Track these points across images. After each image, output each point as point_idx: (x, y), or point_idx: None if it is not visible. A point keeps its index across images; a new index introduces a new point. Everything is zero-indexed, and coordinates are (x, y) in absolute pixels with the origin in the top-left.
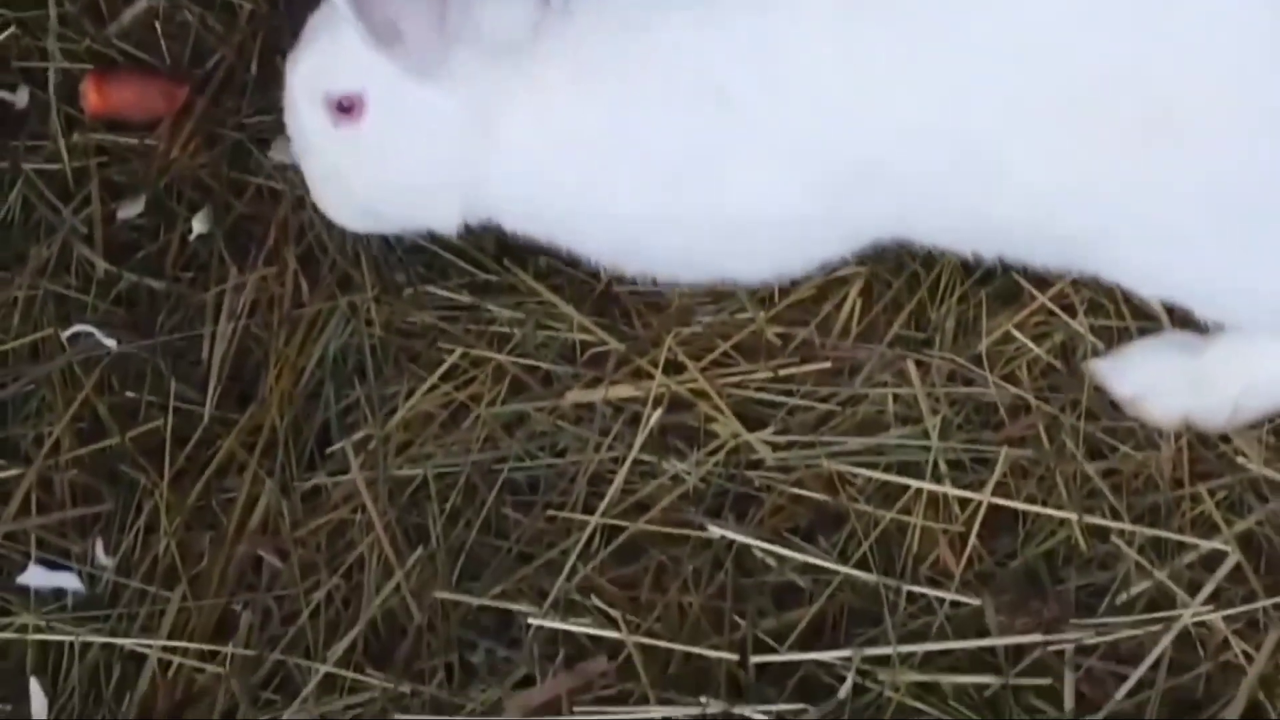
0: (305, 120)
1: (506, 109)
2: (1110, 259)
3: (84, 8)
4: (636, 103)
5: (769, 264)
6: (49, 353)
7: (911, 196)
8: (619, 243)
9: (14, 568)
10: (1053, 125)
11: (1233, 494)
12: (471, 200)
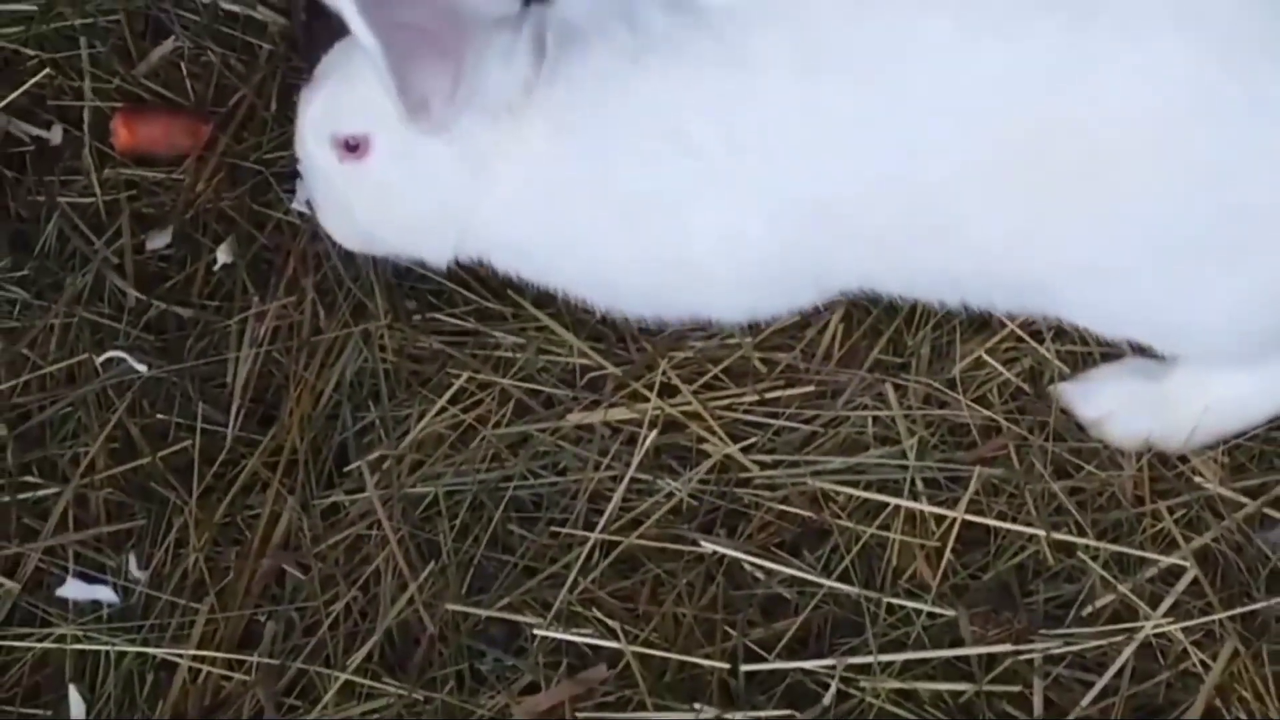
0: (314, 154)
1: (498, 160)
2: (1062, 301)
3: (113, 49)
4: (610, 153)
5: (740, 308)
6: (84, 377)
7: (869, 246)
8: (600, 285)
9: (53, 581)
10: (998, 177)
11: (1191, 512)
12: (463, 239)
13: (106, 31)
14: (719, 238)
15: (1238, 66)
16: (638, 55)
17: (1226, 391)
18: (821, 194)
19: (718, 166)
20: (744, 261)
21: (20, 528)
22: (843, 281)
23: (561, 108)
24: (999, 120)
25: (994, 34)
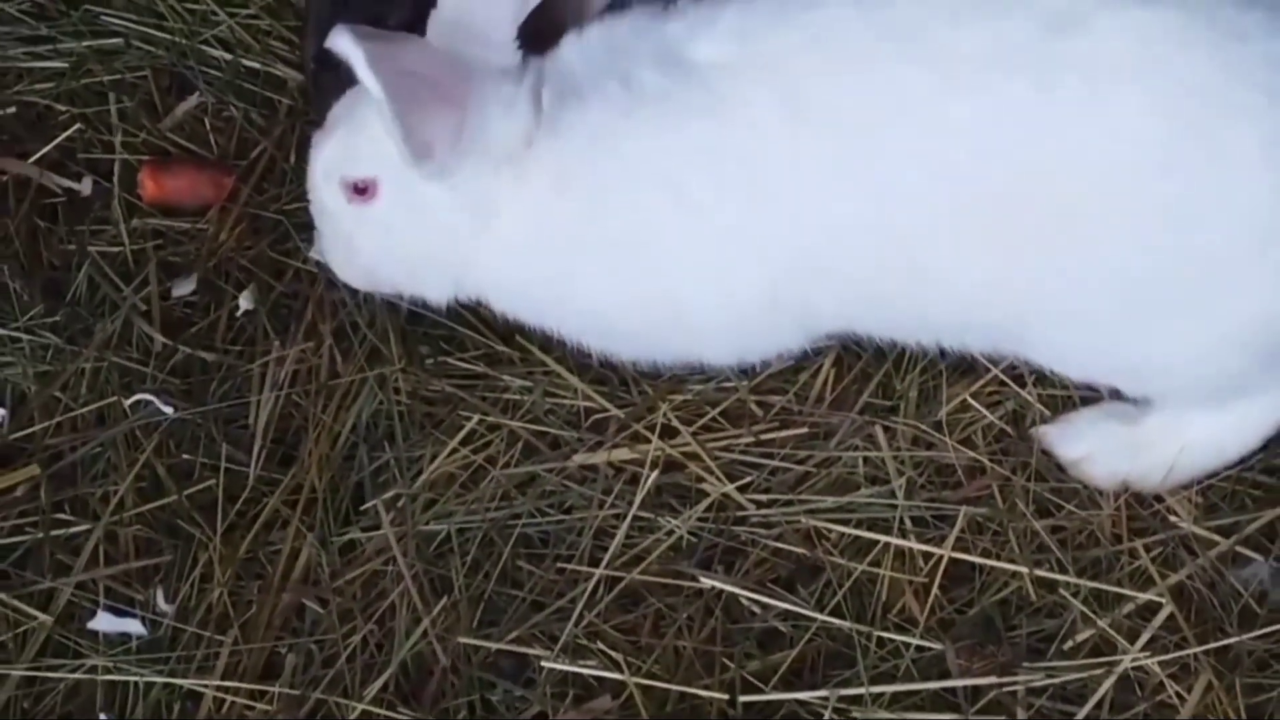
0: (323, 196)
1: (498, 206)
2: (1033, 345)
3: (140, 104)
4: (604, 203)
5: (729, 351)
6: (113, 418)
7: (851, 292)
8: (594, 329)
9: (85, 614)
10: (972, 227)
11: (1166, 549)
12: (463, 280)
13: (134, 87)
14: (708, 284)
15: (1195, 120)
16: (630, 110)
17: (1199, 433)
18: (806, 242)
19: (707, 215)
20: (732, 307)
21: (53, 563)
22: (827, 325)
23: (559, 159)
24: (973, 172)
25: (968, 90)
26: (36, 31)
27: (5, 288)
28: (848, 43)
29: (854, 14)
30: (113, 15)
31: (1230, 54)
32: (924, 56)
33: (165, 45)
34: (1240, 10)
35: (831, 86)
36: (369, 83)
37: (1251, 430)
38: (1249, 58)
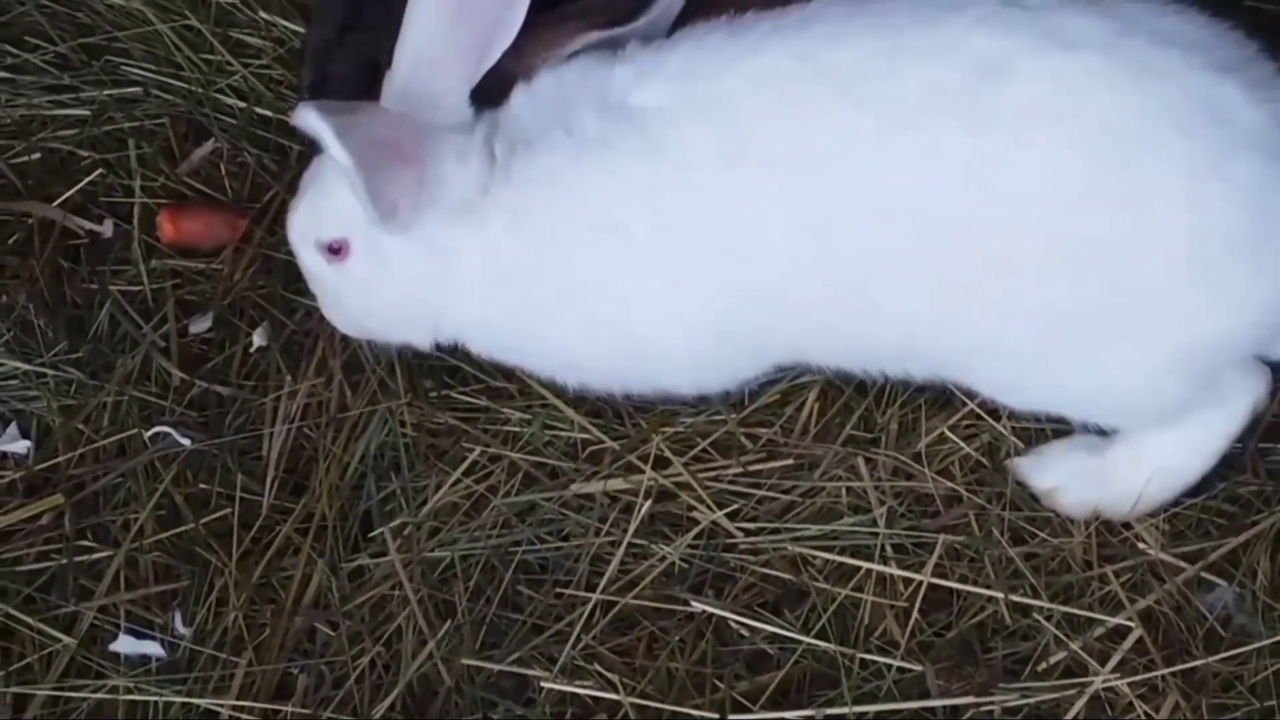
0: (303, 257)
1: (460, 254)
2: (974, 375)
3: (159, 150)
4: (557, 246)
5: (686, 381)
6: (134, 450)
7: (798, 324)
8: (561, 365)
9: (107, 637)
10: (910, 264)
11: (1135, 575)
12: (439, 327)
13: (153, 134)
14: (659, 318)
15: (1116, 158)
16: (574, 156)
17: (1160, 456)
18: (749, 277)
19: (651, 253)
20: (683, 339)
21: (77, 588)
22: (780, 356)
23: (512, 204)
24: (910, 212)
25: (903, 133)
26: (60, 81)
27: (30, 325)
28: (787, 86)
29: (793, 59)
30: (132, 65)
31: (1148, 91)
32: (860, 101)
33: (182, 94)
34: (1156, 48)
35: (771, 128)
36: (338, 155)
37: (1209, 446)
38: (1166, 94)
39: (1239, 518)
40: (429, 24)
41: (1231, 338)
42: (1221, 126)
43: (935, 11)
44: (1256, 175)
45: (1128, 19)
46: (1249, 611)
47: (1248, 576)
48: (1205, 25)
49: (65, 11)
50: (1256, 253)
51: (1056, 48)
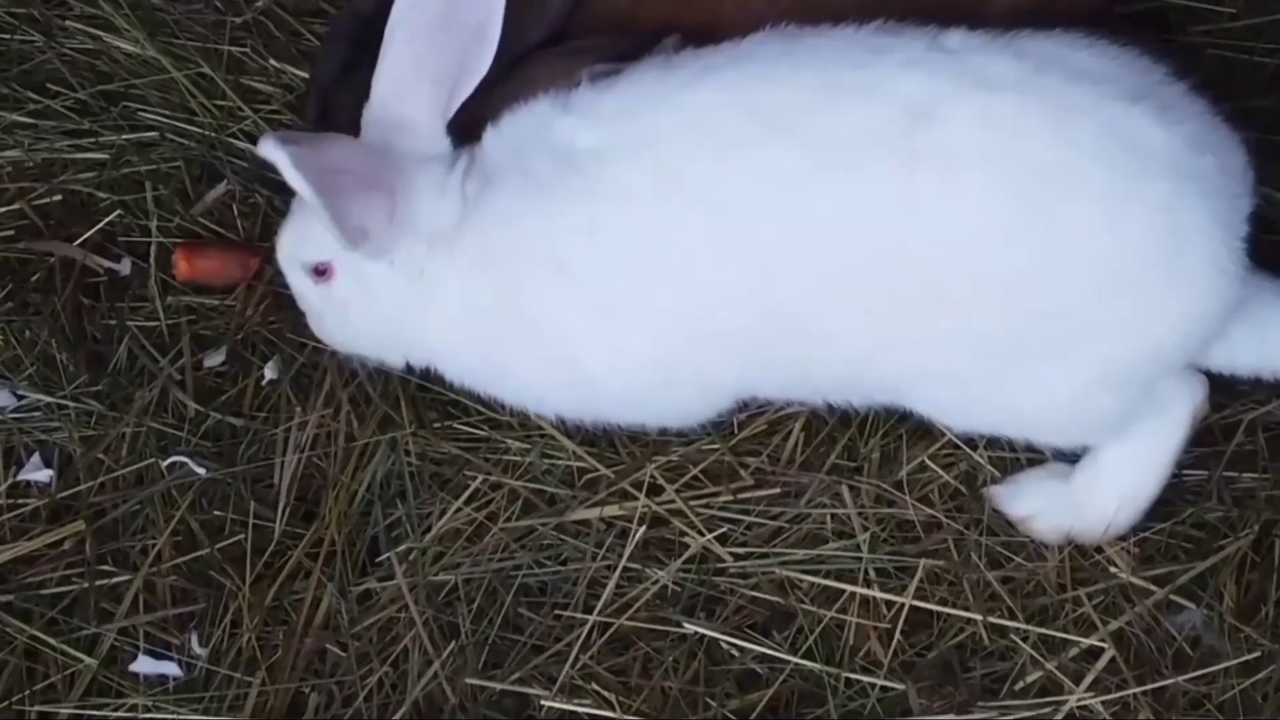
0: (292, 278)
1: (433, 282)
2: (915, 401)
3: (174, 192)
4: (511, 281)
5: (635, 414)
6: (151, 478)
7: (739, 356)
8: (524, 396)
9: (126, 658)
10: (848, 297)
11: (1107, 598)
12: (412, 350)
13: (168, 176)
14: (603, 352)
15: (1036, 192)
16: (525, 196)
17: (1115, 474)
18: (688, 311)
19: (594, 289)
20: (627, 373)
21: (98, 610)
22: (727, 389)
23: (478, 239)
24: (844, 248)
25: (837, 172)
26: (80, 126)
27: (53, 359)
28: (720, 124)
29: (726, 98)
30: (149, 111)
31: (1063, 127)
32: (794, 140)
33: (196, 138)
34: (1070, 84)
35: (706, 165)
36: (294, 183)
37: (1160, 457)
38: (1080, 128)
39: (1206, 543)
40: (402, 54)
41: (1158, 352)
42: (1134, 152)
43: (864, 53)
44: (1168, 196)
45: (1042, 58)
46: (1216, 632)
47: (1215, 599)
48: (1116, 56)
49: (85, 60)
50: (1172, 269)
51: (979, 89)
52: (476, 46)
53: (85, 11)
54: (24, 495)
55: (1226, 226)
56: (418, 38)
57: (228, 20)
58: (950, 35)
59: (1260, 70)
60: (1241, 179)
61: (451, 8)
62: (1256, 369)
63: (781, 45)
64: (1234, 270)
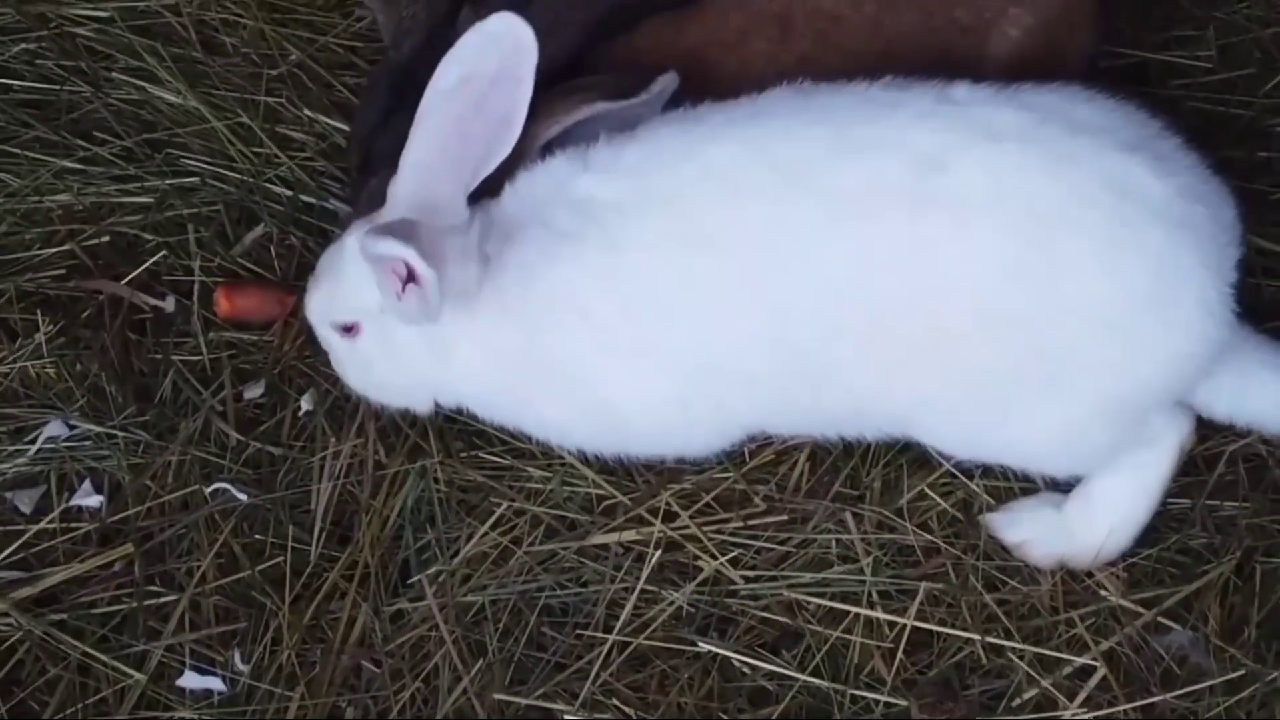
0: (323, 335)
1: (456, 338)
2: (921, 432)
3: (215, 234)
4: (537, 329)
5: (658, 448)
6: (196, 504)
7: (757, 394)
8: (551, 432)
9: (173, 673)
10: (860, 338)
11: (1098, 619)
12: (439, 395)
13: (209, 219)
14: (629, 392)
15: (1038, 237)
16: (547, 248)
17: (1107, 502)
18: (709, 354)
19: (618, 333)
20: (652, 412)
21: (146, 629)
22: (744, 424)
23: (500, 291)
24: (857, 292)
25: (850, 221)
26: (126, 171)
27: (102, 391)
28: (739, 177)
29: (744, 151)
30: (190, 157)
31: (1064, 176)
32: (809, 191)
33: (235, 183)
34: (1071, 135)
35: (727, 217)
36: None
37: (1149, 486)
38: (1079, 177)
39: (1191, 568)
40: (432, 139)
41: (1148, 389)
42: (1130, 201)
43: (875, 108)
44: (1163, 242)
45: (1045, 110)
46: (1202, 652)
47: (1200, 621)
48: (1114, 109)
49: (130, 109)
50: (1165, 312)
51: (985, 139)
52: (502, 133)
53: (130, 64)
54: (76, 519)
55: (1216, 273)
56: (447, 125)
57: (264, 72)
58: (957, 88)
59: (1235, 121)
60: (1231, 229)
61: (482, 101)
62: (1231, 415)
63: (797, 101)
64: (1222, 315)
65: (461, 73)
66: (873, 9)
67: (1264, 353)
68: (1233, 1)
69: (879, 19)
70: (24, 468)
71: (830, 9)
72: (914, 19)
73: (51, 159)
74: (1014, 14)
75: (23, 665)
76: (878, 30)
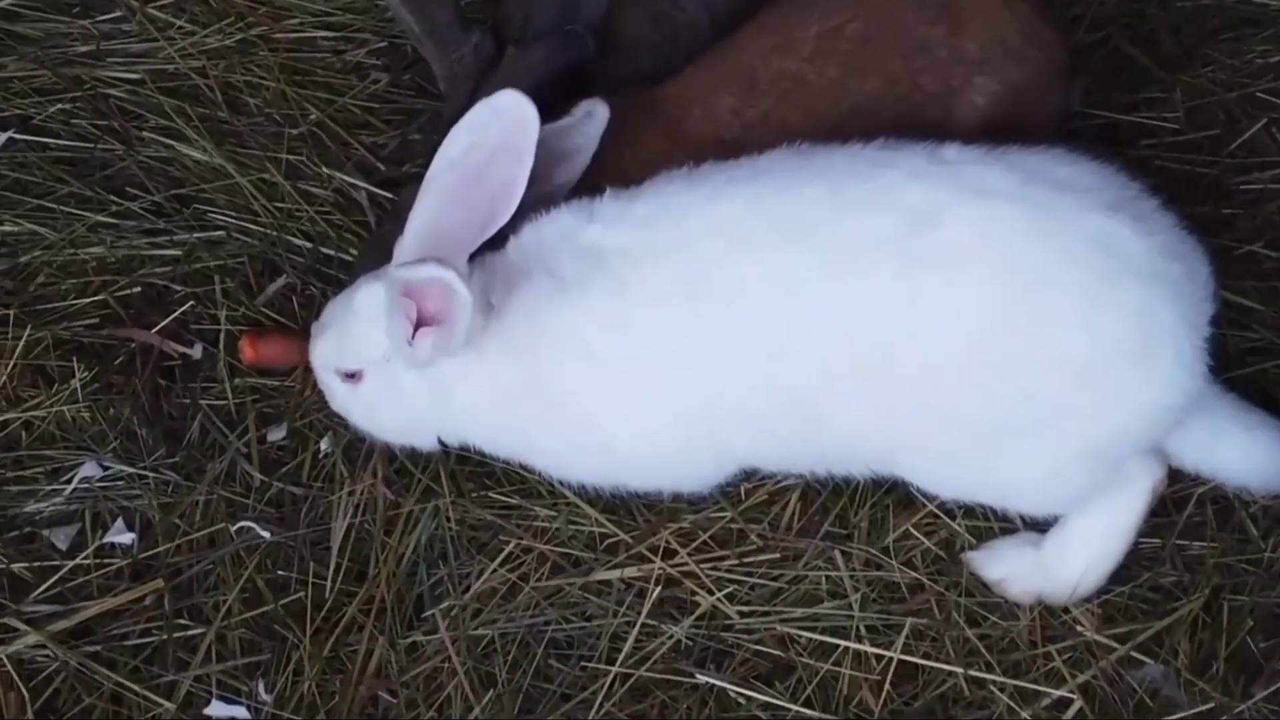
0: (324, 379)
1: (460, 383)
2: (908, 471)
3: (240, 285)
4: (541, 367)
5: (658, 481)
6: (222, 541)
7: (753, 433)
8: (554, 466)
9: (201, 702)
10: (853, 382)
11: (1075, 653)
12: (442, 433)
13: (234, 271)
14: (628, 428)
15: (1023, 290)
16: (553, 292)
17: (1083, 542)
18: (708, 393)
19: (619, 372)
20: (652, 446)
21: (175, 660)
22: (740, 460)
23: (506, 333)
24: (852, 340)
25: (846, 273)
26: (155, 225)
27: (134, 434)
28: (742, 231)
29: (746, 207)
30: (217, 212)
31: (1048, 233)
32: (808, 245)
33: (259, 237)
34: (1056, 194)
35: (729, 266)
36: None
37: (1123, 526)
38: (1063, 234)
39: (1162, 604)
40: (436, 204)
41: (1127, 435)
42: (1111, 258)
43: (869, 167)
44: (1142, 297)
45: (1031, 170)
46: (1174, 685)
47: (1171, 655)
48: (1096, 170)
49: (160, 166)
50: (1143, 363)
51: (974, 197)
52: (502, 201)
53: (160, 123)
54: (109, 556)
55: (1191, 327)
56: (452, 190)
57: (285, 131)
58: (948, 149)
59: (1201, 179)
60: (1206, 286)
61: (484, 169)
62: (1197, 465)
63: (795, 161)
64: (1197, 367)
65: (467, 142)
66: (836, 73)
67: (1233, 408)
68: (1198, 66)
69: (843, 83)
70: (60, 506)
71: (794, 71)
72: (879, 85)
73: (86, 213)
74: (980, 82)
75: (59, 695)
76: (842, 94)
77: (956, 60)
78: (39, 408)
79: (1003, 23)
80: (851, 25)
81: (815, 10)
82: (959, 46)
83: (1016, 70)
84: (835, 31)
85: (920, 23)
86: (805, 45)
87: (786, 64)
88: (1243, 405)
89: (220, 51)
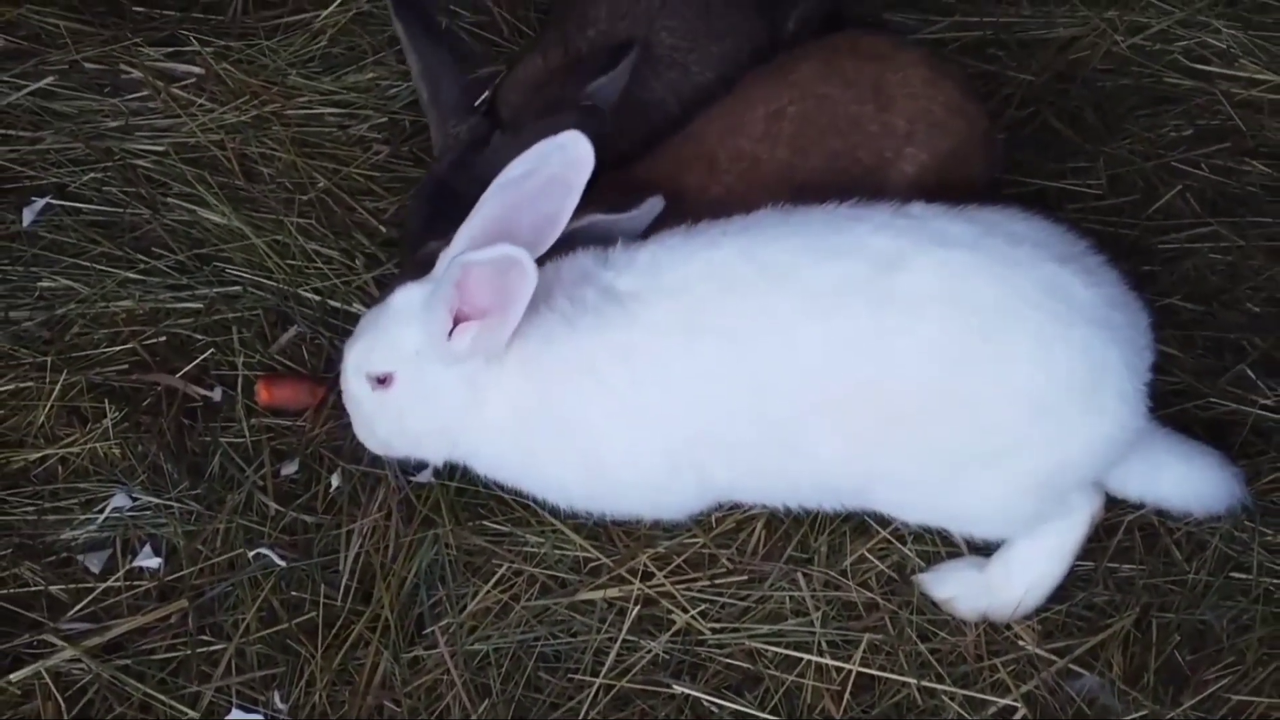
0: (352, 385)
1: (487, 391)
2: (877, 501)
3: (255, 334)
4: (553, 390)
5: (644, 507)
6: (241, 566)
7: (735, 462)
8: (550, 487)
9: (221, 712)
10: (826, 416)
11: (1018, 665)
12: (455, 447)
13: (250, 322)
14: (623, 452)
15: (983, 331)
16: (572, 319)
17: (1025, 565)
18: (701, 422)
19: (622, 397)
20: (642, 470)
21: (199, 673)
22: (721, 490)
23: (525, 355)
24: (825, 376)
25: (820, 315)
26: (179, 281)
27: (160, 469)
28: (734, 275)
29: (740, 254)
30: (234, 269)
31: (1007, 279)
32: (789, 288)
33: (272, 291)
34: (1012, 245)
35: (722, 307)
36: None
37: (1063, 551)
38: (1019, 281)
39: (1096, 621)
40: (489, 219)
41: (1075, 465)
42: (1063, 303)
43: (843, 220)
44: (1090, 340)
45: (989, 223)
46: (1109, 694)
47: (1106, 667)
48: (1048, 226)
49: (182, 229)
50: (1089, 400)
51: (938, 245)
52: (547, 229)
53: (183, 190)
54: (138, 578)
55: (1133, 370)
56: (503, 210)
57: (296, 198)
58: (913, 205)
59: (1122, 239)
60: (1145, 335)
61: (536, 196)
62: (1142, 495)
63: (779, 217)
64: (1139, 405)
65: (526, 169)
66: (785, 154)
67: (1172, 441)
68: (1118, 138)
69: (791, 162)
70: (93, 534)
71: (750, 151)
72: (822, 161)
73: (116, 270)
74: (909, 153)
75: (92, 704)
76: (791, 170)
77: (887, 134)
78: (74, 445)
79: (927, 98)
80: (791, 108)
81: (760, 95)
82: (889, 122)
83: (942, 140)
84: (779, 114)
85: (852, 102)
86: (756, 127)
87: (741, 144)
88: (1180, 438)
89: (237, 126)
